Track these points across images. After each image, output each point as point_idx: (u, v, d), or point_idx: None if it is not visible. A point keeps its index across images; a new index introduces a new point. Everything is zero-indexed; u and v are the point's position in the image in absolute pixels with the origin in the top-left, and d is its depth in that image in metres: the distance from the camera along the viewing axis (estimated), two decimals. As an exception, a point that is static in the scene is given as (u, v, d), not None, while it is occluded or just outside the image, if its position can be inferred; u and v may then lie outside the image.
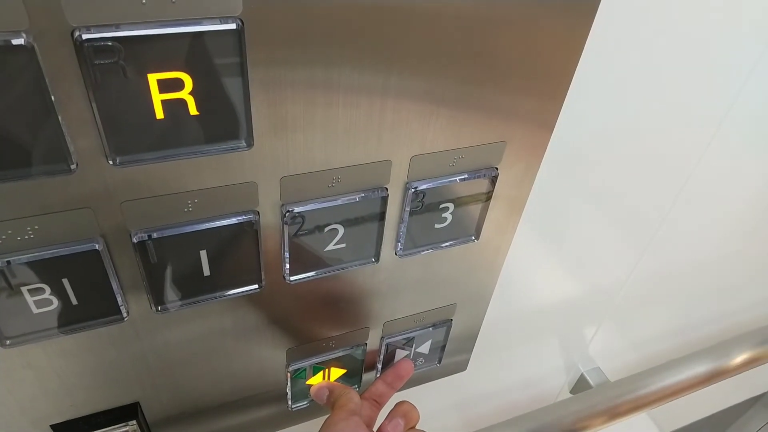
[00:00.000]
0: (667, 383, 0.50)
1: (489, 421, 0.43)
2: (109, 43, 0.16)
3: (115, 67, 0.17)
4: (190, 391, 0.30)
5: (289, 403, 0.34)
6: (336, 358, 0.33)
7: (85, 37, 0.16)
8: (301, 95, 0.20)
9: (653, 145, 0.32)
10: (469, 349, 0.39)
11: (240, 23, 0.17)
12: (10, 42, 0.15)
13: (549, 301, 0.41)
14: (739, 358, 0.55)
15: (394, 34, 0.19)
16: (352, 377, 0.35)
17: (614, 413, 0.47)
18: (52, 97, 0.16)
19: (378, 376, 0.35)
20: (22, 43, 0.15)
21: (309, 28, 0.18)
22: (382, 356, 0.35)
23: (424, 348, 0.36)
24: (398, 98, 0.22)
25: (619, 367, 0.53)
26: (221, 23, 0.17)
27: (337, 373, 0.34)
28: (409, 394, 0.40)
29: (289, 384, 0.33)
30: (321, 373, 0.34)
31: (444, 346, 0.37)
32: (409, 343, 0.35)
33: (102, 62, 0.16)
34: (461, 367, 0.41)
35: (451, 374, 0.41)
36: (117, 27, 0.16)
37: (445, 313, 0.35)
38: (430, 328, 0.35)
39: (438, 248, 0.29)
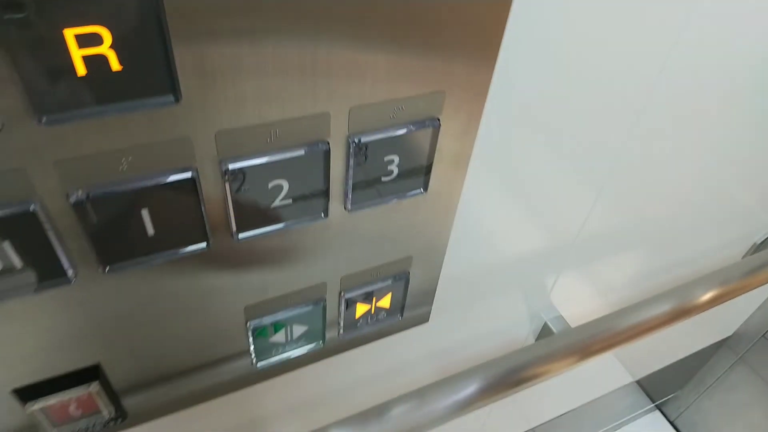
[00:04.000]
0: (632, 322, 0.52)
1: (458, 369, 0.44)
2: (16, -3, 0.16)
3: (27, 22, 0.16)
4: (151, 354, 0.31)
5: (254, 361, 0.35)
6: (296, 315, 0.34)
7: (-10, -10, 0.15)
8: (227, 47, 0.20)
9: (602, 78, 0.33)
10: (430, 302, 0.40)
11: (153, -27, 0.17)
12: None
13: (506, 250, 0.42)
14: (704, 297, 0.56)
15: (316, -18, 0.19)
16: (314, 335, 0.36)
17: (583, 354, 0.49)
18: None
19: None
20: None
21: (226, -23, 0.18)
22: (342, 312, 0.36)
23: (385, 302, 0.37)
24: (330, 48, 0.22)
25: (583, 315, 0.55)
26: (133, -27, 0.17)
27: (299, 329, 0.35)
28: (377, 347, 0.41)
29: (251, 341, 0.33)
30: (283, 330, 0.35)
31: (404, 299, 0.38)
32: (368, 297, 0.36)
33: (12, 17, 0.16)
34: (423, 319, 0.42)
35: (414, 326, 0.42)
36: (23, -21, 0.16)
37: (402, 266, 0.35)
38: (389, 281, 0.36)
39: (387, 201, 0.29)
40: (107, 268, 0.24)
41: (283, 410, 0.41)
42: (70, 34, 0.17)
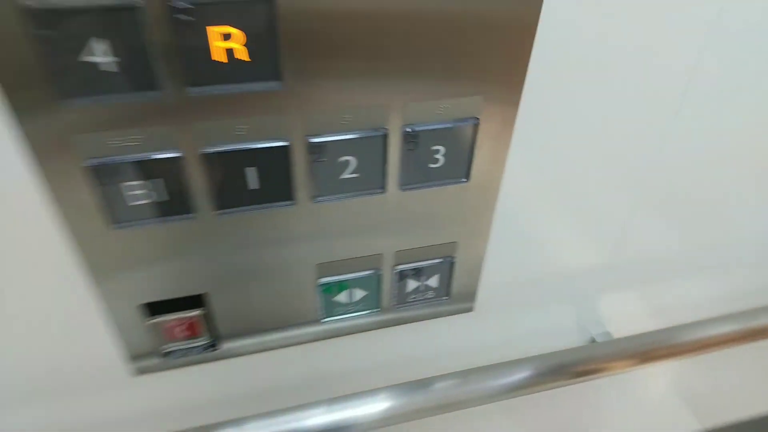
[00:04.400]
0: (697, 336, 0.53)
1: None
2: (188, 5, 0.25)
3: (191, 23, 0.26)
4: (242, 295, 0.39)
5: (321, 316, 0.43)
6: (356, 278, 0.41)
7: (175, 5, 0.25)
8: (321, 57, 0.28)
9: (639, 66, 0.36)
10: (474, 291, 0.46)
11: (273, -3, 0.26)
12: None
13: (549, 255, 0.47)
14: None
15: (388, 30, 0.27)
16: (372, 300, 0.43)
17: (642, 358, 0.51)
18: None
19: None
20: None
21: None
22: (395, 283, 0.42)
23: (433, 281, 0.44)
24: (395, 58, 0.30)
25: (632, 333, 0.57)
26: (260, -3, 0.26)
27: (358, 294, 0.42)
28: (425, 329, 0.47)
29: (319, 297, 0.41)
30: (346, 291, 0.42)
31: (450, 282, 0.44)
32: (417, 273, 0.42)
33: (184, 17, 0.25)
34: (468, 308, 0.47)
35: (459, 313, 0.47)
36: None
37: (449, 250, 0.42)
38: (437, 261, 0.42)
39: (434, 185, 0.36)
40: (220, 212, 0.33)
41: (338, 372, 0.48)
42: (213, 31, 0.26)
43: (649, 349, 0.53)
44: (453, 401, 0.47)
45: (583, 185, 0.42)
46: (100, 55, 0.25)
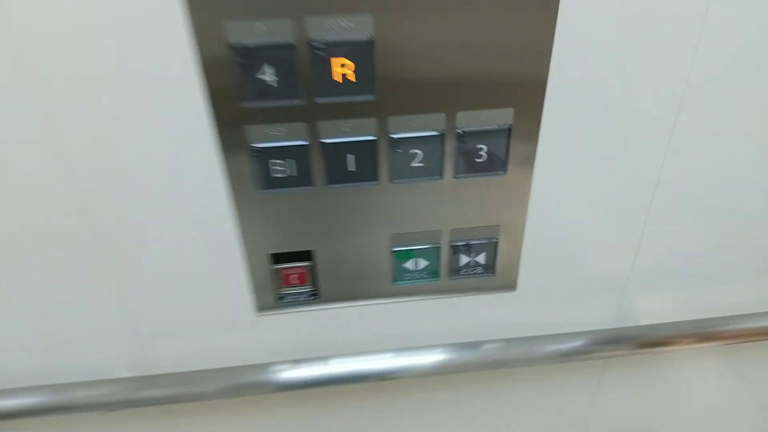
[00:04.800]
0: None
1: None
2: (322, 45, 0.41)
3: (317, 56, 0.42)
4: (338, 254, 0.54)
5: (393, 279, 0.56)
6: (420, 249, 0.55)
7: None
8: (404, 81, 0.43)
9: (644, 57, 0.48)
10: (516, 272, 0.58)
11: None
12: (290, 47, 0.41)
13: (580, 251, 0.58)
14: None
15: (441, 46, 0.42)
16: (432, 270, 0.56)
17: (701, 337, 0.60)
18: (300, 69, 0.42)
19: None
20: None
21: (401, 43, 0.42)
22: (450, 257, 0.55)
23: (481, 258, 0.56)
24: (449, 84, 0.44)
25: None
26: (365, 40, 0.42)
27: (421, 263, 0.56)
28: (475, 303, 0.59)
29: (392, 263, 0.55)
30: (412, 260, 0.55)
31: (495, 260, 0.56)
32: (468, 249, 0.55)
33: (318, 53, 0.42)
34: (511, 286, 0.59)
35: (503, 290, 0.59)
36: (326, 42, 0.41)
37: (493, 232, 0.54)
38: (484, 241, 0.55)
39: (480, 176, 0.50)
40: (329, 186, 0.49)
41: (401, 330, 0.61)
42: (335, 61, 0.42)
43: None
44: (494, 360, 0.58)
45: (603, 179, 0.53)
46: (268, 74, 0.42)
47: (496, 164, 0.49)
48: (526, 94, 0.46)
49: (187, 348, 0.58)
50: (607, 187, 0.54)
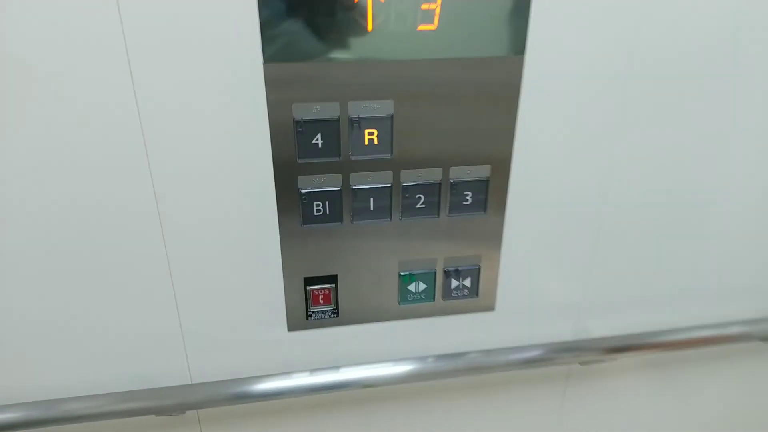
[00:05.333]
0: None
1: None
2: (357, 118, 0.59)
3: None
4: (353, 279, 0.69)
5: (398, 300, 0.71)
6: (421, 274, 0.70)
7: (352, 119, 0.59)
8: (412, 146, 0.61)
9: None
10: (494, 295, 0.74)
11: (392, 116, 0.59)
12: (335, 120, 0.59)
13: (542, 269, 0.75)
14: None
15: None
16: (428, 292, 0.72)
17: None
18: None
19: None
20: (338, 120, 0.59)
21: (412, 118, 0.60)
22: (443, 280, 0.71)
23: (467, 282, 0.72)
24: (444, 149, 0.62)
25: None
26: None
27: (421, 285, 0.71)
28: (463, 321, 0.74)
29: (398, 285, 0.70)
30: (414, 283, 0.71)
31: (478, 284, 0.72)
32: (458, 274, 0.71)
33: (354, 124, 0.59)
34: (491, 307, 0.75)
35: (485, 311, 0.75)
36: (360, 117, 0.59)
37: (476, 260, 0.71)
38: (469, 267, 0.71)
39: (466, 215, 0.67)
40: (353, 222, 0.64)
41: (402, 344, 0.75)
42: (365, 130, 0.59)
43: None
44: (475, 366, 0.73)
45: (555, 222, 0.71)
46: (319, 139, 0.59)
47: (478, 206, 0.67)
48: (499, 156, 0.64)
49: (230, 360, 0.71)
50: (559, 230, 0.71)
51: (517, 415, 0.86)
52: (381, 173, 0.62)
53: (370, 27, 0.55)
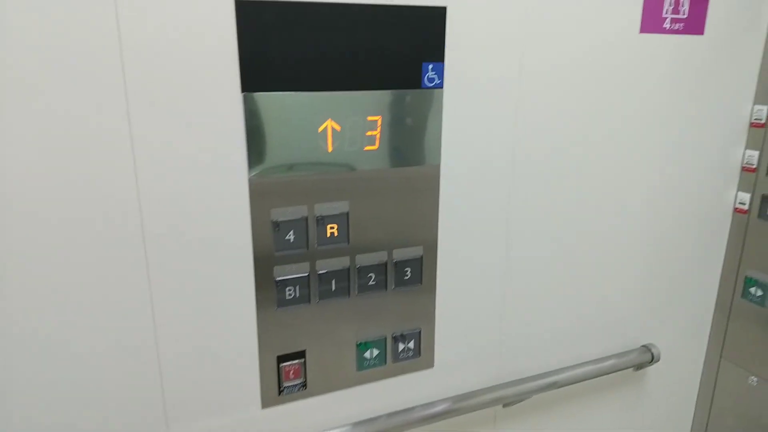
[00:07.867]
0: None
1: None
2: (322, 216, 0.75)
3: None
4: (325, 351, 0.81)
5: (356, 367, 0.84)
6: (374, 340, 0.84)
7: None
8: (362, 238, 0.77)
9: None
10: (432, 355, 0.89)
11: (348, 213, 0.76)
12: (304, 219, 0.74)
13: (466, 327, 0.92)
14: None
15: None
16: (380, 357, 0.85)
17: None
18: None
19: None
20: (306, 219, 0.74)
21: (363, 214, 0.77)
22: (391, 345, 0.85)
23: (411, 345, 0.87)
24: (389, 238, 0.79)
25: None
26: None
27: (375, 352, 0.84)
28: (408, 380, 0.88)
29: (356, 352, 0.83)
30: (369, 350, 0.84)
31: (420, 347, 0.87)
32: (403, 338, 0.86)
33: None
34: (430, 364, 0.90)
35: (426, 369, 0.89)
36: (324, 215, 0.75)
37: (417, 324, 0.86)
38: (412, 332, 0.86)
39: (406, 290, 0.83)
40: (319, 303, 0.78)
41: (366, 409, 0.87)
42: (326, 227, 0.75)
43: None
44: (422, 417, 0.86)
45: (476, 290, 0.89)
46: (291, 234, 0.73)
47: (416, 279, 0.84)
48: (428, 238, 0.82)
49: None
50: (476, 291, 0.90)
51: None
52: (340, 259, 0.77)
53: (330, 148, 0.72)
